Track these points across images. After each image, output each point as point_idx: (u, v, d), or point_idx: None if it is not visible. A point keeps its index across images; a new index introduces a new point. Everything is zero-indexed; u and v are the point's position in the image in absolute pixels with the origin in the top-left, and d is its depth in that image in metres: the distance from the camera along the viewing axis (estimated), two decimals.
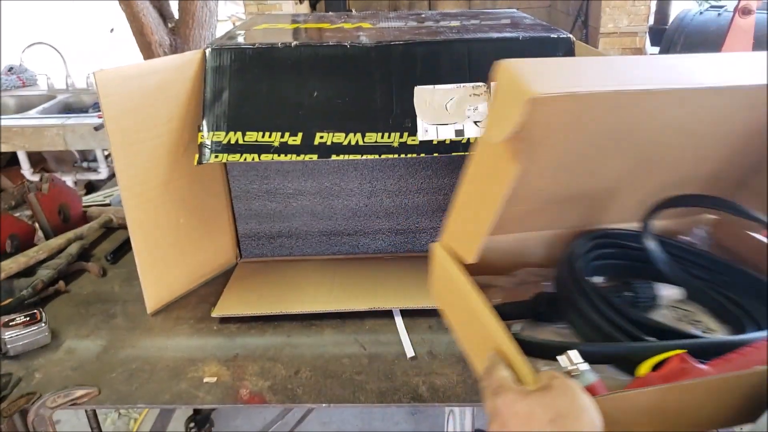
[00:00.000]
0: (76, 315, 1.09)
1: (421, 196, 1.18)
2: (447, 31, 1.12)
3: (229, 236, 1.22)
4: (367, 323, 1.04)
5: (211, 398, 0.88)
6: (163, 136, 1.02)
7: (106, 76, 0.92)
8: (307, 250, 1.23)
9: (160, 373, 0.93)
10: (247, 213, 1.20)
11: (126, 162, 0.98)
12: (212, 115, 1.01)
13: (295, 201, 1.18)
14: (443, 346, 0.98)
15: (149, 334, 1.03)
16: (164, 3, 2.36)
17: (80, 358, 0.97)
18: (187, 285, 1.14)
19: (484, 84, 1.01)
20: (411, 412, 2.05)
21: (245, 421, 2.02)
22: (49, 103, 2.82)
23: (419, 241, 1.23)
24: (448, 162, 1.15)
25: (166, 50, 2.30)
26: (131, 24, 2.24)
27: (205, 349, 0.99)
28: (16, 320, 0.98)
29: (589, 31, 3.53)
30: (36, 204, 1.28)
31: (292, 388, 0.90)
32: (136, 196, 1.00)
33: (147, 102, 0.98)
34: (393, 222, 1.21)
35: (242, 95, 1.02)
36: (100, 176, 2.66)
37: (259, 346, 0.99)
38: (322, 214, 1.20)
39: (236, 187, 1.17)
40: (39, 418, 0.86)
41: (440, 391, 0.88)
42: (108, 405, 0.88)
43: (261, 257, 1.24)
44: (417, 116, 1.01)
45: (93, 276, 1.22)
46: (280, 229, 1.21)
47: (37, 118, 2.55)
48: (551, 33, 1.07)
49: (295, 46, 1.02)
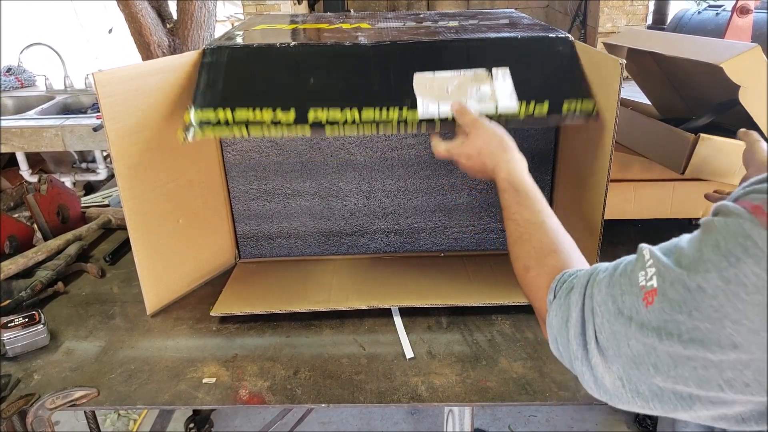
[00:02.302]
0: (75, 316, 1.09)
1: (419, 196, 1.19)
2: (445, 31, 1.12)
3: (228, 237, 1.22)
4: (366, 323, 1.04)
5: (210, 399, 0.88)
6: (162, 136, 1.02)
7: (105, 76, 0.92)
8: (305, 251, 1.24)
9: (159, 373, 0.93)
10: (246, 213, 1.20)
11: (125, 163, 0.98)
12: (202, 98, 0.97)
13: (294, 201, 1.19)
14: (442, 346, 0.98)
15: (148, 335, 1.03)
16: (163, 3, 2.35)
17: (79, 359, 0.97)
18: (186, 286, 1.14)
19: (486, 70, 0.99)
20: (410, 411, 2.05)
21: (244, 422, 2.02)
22: (48, 103, 2.81)
23: (418, 241, 1.23)
24: (446, 162, 1.15)
25: (164, 51, 2.29)
26: (130, 25, 2.24)
27: (204, 349, 0.99)
28: (15, 321, 0.98)
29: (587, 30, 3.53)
30: (35, 205, 1.28)
31: (291, 388, 0.90)
32: (135, 196, 1.00)
33: (146, 102, 0.98)
34: (391, 222, 1.21)
35: (236, 81, 0.99)
36: (99, 177, 2.66)
37: (258, 346, 0.99)
38: (321, 215, 1.20)
39: (235, 188, 1.18)
40: (38, 419, 0.86)
41: (439, 391, 0.88)
42: (107, 406, 0.88)
43: (260, 257, 1.24)
44: (417, 95, 0.97)
45: (92, 277, 1.22)
46: (279, 229, 1.21)
47: (35, 119, 2.55)
48: (550, 33, 1.07)
49: (294, 46, 1.02)
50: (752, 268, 0.44)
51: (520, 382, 0.90)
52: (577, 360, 0.58)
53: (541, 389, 0.88)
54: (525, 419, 2.03)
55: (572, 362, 0.59)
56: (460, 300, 1.06)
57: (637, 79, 1.45)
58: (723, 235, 0.46)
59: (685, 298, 0.47)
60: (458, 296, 1.07)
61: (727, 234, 0.46)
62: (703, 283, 0.46)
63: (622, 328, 0.52)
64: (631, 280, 0.53)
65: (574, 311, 0.59)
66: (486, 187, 1.18)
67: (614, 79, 0.86)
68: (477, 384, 0.89)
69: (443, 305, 1.05)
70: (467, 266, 1.17)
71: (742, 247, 0.44)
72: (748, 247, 0.44)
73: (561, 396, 0.87)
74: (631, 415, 1.97)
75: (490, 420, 2.03)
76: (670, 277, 0.49)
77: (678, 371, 0.49)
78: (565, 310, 0.61)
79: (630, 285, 0.53)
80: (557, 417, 2.03)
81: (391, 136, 1.13)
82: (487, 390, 0.88)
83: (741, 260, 0.44)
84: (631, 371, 0.52)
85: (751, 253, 0.44)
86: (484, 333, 1.01)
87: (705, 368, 0.47)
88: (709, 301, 0.46)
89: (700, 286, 0.46)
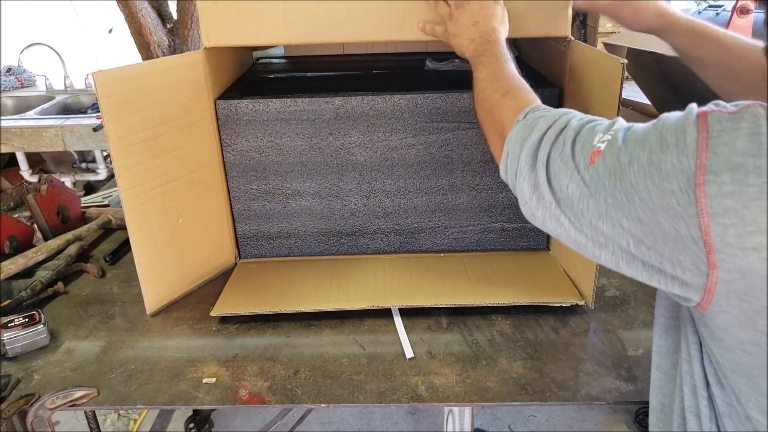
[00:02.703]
0: (75, 316, 1.09)
1: (419, 196, 1.19)
2: None
3: (228, 236, 1.22)
4: (366, 323, 1.04)
5: (210, 399, 0.88)
6: (162, 135, 1.02)
7: (105, 76, 0.92)
8: (306, 251, 1.24)
9: (159, 373, 0.93)
10: (246, 213, 1.20)
11: (125, 163, 0.98)
12: None
13: (294, 201, 1.19)
14: (442, 346, 0.98)
15: (148, 335, 1.03)
16: (163, 3, 2.35)
17: (79, 359, 0.97)
18: (186, 285, 1.15)
19: None
20: (410, 411, 2.05)
21: (244, 422, 2.02)
22: (48, 104, 2.81)
23: (418, 241, 1.23)
24: (446, 162, 1.15)
25: (164, 51, 2.29)
26: (130, 24, 2.23)
27: (204, 349, 0.99)
28: (15, 321, 0.98)
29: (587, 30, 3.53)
30: (35, 205, 1.28)
31: (291, 388, 0.90)
32: (135, 196, 1.00)
33: (146, 102, 0.98)
34: (391, 222, 1.21)
35: None
36: (99, 177, 2.66)
37: (258, 346, 0.99)
38: (321, 215, 1.20)
39: (235, 188, 1.18)
40: (38, 419, 0.86)
41: (439, 391, 0.88)
42: (107, 406, 0.88)
43: (260, 257, 1.24)
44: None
45: (92, 277, 1.22)
46: (279, 229, 1.21)
47: (35, 119, 2.55)
48: None
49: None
50: (673, 158, 0.49)
51: (520, 382, 0.90)
52: (521, 175, 0.65)
53: (541, 389, 0.88)
54: (525, 419, 2.03)
55: (516, 177, 0.66)
56: (460, 300, 1.06)
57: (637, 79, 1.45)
58: (668, 126, 0.51)
59: (615, 169, 0.54)
60: (458, 296, 1.07)
61: (671, 126, 0.51)
62: (633, 159, 0.53)
63: (568, 171, 0.60)
64: (592, 137, 0.59)
65: (536, 134, 0.64)
66: (486, 187, 1.18)
67: (615, 79, 0.86)
68: (477, 384, 0.89)
69: (443, 305, 1.05)
70: (467, 266, 1.17)
71: (674, 138, 0.50)
72: (679, 139, 0.49)
73: (561, 396, 0.87)
74: (631, 415, 1.97)
75: (490, 420, 2.03)
76: (614, 148, 0.55)
77: (600, 222, 0.57)
78: (527, 130, 0.66)
79: (589, 140, 0.59)
80: (557, 417, 2.03)
81: (391, 136, 1.13)
82: (487, 390, 0.88)
83: (669, 149, 0.50)
84: (566, 207, 0.61)
85: (679, 146, 0.49)
86: (484, 333, 1.01)
87: (621, 227, 0.55)
88: (630, 176, 0.53)
89: (630, 161, 0.53)
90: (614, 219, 0.55)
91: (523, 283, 1.11)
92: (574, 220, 0.60)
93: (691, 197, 0.48)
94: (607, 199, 0.55)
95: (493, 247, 1.24)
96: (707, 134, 0.48)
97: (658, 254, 0.53)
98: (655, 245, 0.53)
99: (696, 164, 0.47)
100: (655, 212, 0.51)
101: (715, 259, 0.48)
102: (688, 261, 0.51)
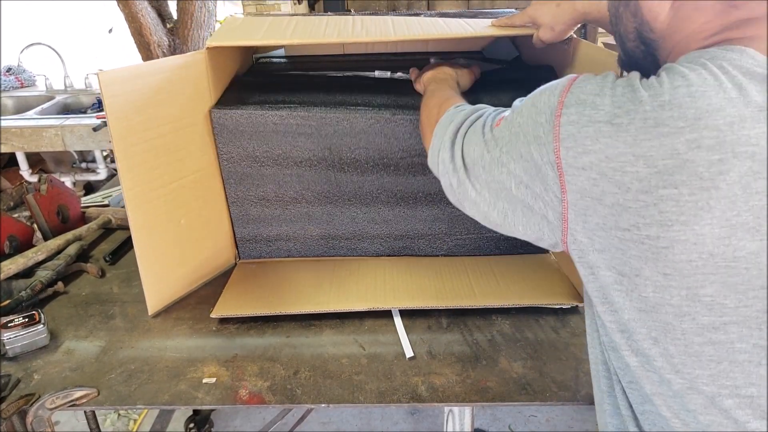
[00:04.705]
0: (74, 316, 1.09)
1: (419, 204, 1.18)
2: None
3: (229, 237, 1.22)
4: (366, 323, 1.04)
5: (210, 399, 0.88)
6: (165, 136, 1.02)
7: (109, 76, 0.91)
8: (305, 253, 1.23)
9: (159, 373, 0.93)
10: (244, 218, 1.19)
11: (129, 163, 0.98)
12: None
13: (293, 207, 1.18)
14: (442, 346, 0.98)
15: (148, 335, 1.03)
16: (163, 3, 2.36)
17: (79, 359, 0.97)
18: (187, 286, 1.14)
19: None
20: (410, 411, 2.05)
21: (244, 422, 2.02)
22: (48, 103, 2.81)
23: (417, 246, 1.22)
24: None
25: (164, 51, 2.29)
26: (130, 24, 2.24)
27: (204, 349, 0.99)
28: (14, 321, 0.98)
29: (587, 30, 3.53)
30: (34, 205, 1.28)
31: (291, 388, 0.90)
32: (138, 196, 1.00)
33: (150, 102, 0.98)
34: (391, 229, 1.20)
35: None
36: (99, 177, 2.66)
37: (258, 346, 0.99)
38: (320, 220, 1.19)
39: (232, 194, 1.17)
40: (38, 419, 0.86)
41: (439, 391, 0.88)
42: (107, 406, 0.88)
43: (259, 258, 1.24)
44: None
45: (92, 277, 1.22)
46: (278, 233, 1.21)
47: (35, 118, 2.55)
48: None
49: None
50: (545, 97, 0.60)
51: (520, 382, 0.90)
52: (444, 149, 0.75)
53: (541, 389, 0.88)
54: (525, 419, 2.03)
55: (438, 153, 0.76)
56: (461, 302, 1.06)
57: None
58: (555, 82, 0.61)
59: (510, 119, 0.65)
60: (458, 298, 1.07)
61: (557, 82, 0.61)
62: (523, 106, 0.64)
63: (476, 137, 0.70)
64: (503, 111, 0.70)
65: (461, 116, 0.76)
66: None
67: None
68: (477, 384, 0.89)
69: (444, 307, 1.05)
70: (467, 268, 1.17)
71: (552, 87, 0.61)
72: (555, 87, 0.60)
73: (561, 396, 0.87)
74: None
75: (490, 420, 2.03)
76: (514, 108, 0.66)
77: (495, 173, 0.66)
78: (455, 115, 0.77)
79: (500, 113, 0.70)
80: (557, 417, 2.03)
81: (391, 149, 1.12)
82: (487, 390, 0.88)
83: (544, 92, 0.61)
84: (473, 168, 0.70)
85: (552, 89, 0.60)
86: (484, 333, 1.01)
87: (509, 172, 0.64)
88: (517, 118, 0.64)
89: (521, 108, 0.64)
90: (505, 165, 0.64)
91: (524, 285, 1.11)
92: (476, 184, 0.69)
93: (551, 126, 0.58)
94: (502, 149, 0.65)
95: (493, 254, 1.23)
96: (573, 82, 0.59)
97: (532, 192, 0.62)
98: (531, 182, 0.62)
99: (558, 101, 0.58)
100: (529, 144, 0.60)
101: (564, 181, 0.58)
102: (550, 194, 0.60)
